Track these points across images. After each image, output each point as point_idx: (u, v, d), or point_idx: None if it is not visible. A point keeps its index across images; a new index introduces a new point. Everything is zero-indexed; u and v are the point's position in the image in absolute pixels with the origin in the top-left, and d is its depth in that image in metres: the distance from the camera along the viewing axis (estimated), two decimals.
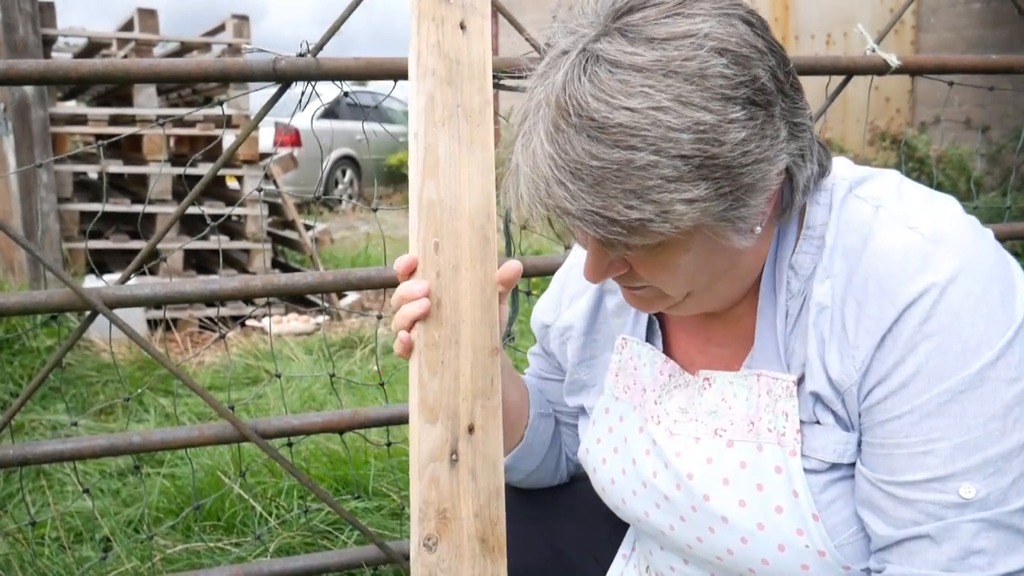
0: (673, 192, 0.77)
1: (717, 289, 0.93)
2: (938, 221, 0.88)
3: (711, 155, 0.78)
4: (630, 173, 0.77)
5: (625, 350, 1.11)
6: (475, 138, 1.04)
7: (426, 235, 1.01)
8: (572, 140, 0.79)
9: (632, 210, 0.78)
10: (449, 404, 1.00)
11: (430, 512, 0.98)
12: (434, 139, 1.02)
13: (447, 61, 1.04)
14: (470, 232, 1.02)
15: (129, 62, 1.60)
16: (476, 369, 1.01)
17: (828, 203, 0.94)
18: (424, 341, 1.00)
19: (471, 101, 1.04)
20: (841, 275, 0.90)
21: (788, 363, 0.94)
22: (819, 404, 0.92)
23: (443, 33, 1.05)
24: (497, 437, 1.01)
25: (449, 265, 1.01)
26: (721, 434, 0.97)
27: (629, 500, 1.07)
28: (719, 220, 0.82)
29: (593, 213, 0.79)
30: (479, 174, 1.03)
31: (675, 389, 1.04)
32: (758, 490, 0.93)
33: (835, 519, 0.91)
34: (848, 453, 0.91)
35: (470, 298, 1.01)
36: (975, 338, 0.83)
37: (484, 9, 1.08)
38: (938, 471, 0.84)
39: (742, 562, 0.96)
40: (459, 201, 1.02)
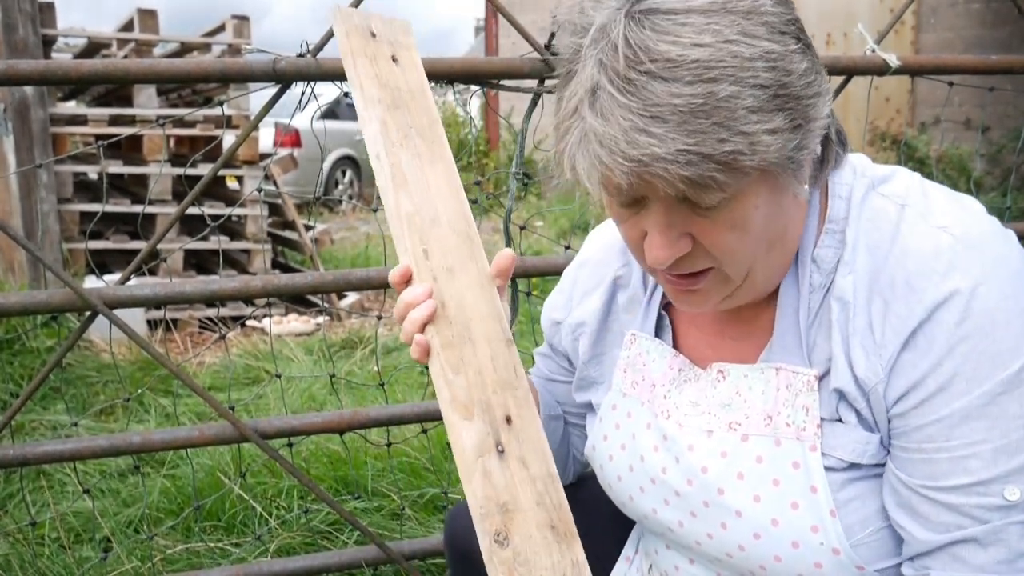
0: (757, 123, 0.77)
1: (773, 263, 0.91)
2: (966, 221, 0.88)
3: (783, 84, 0.79)
4: (715, 106, 0.76)
5: (634, 346, 1.10)
6: (433, 153, 1.06)
7: (414, 244, 1.02)
8: (648, 86, 0.77)
9: (724, 143, 0.76)
10: (480, 398, 0.99)
11: (491, 507, 0.94)
12: (396, 158, 1.04)
13: (389, 89, 1.07)
14: (453, 237, 1.03)
15: (129, 62, 1.60)
16: (496, 361, 1.00)
17: (848, 197, 0.94)
18: (440, 342, 0.99)
19: (420, 122, 1.08)
20: (864, 272, 0.89)
21: (810, 357, 0.93)
22: (843, 402, 0.91)
23: (378, 66, 1.09)
24: (536, 424, 1.00)
25: (443, 268, 1.02)
26: (736, 428, 0.96)
27: (636, 497, 1.06)
28: (788, 161, 0.82)
29: (685, 152, 0.76)
30: (446, 184, 1.06)
31: (685, 383, 1.03)
32: (774, 485, 0.93)
33: (851, 519, 0.90)
34: (868, 454, 0.90)
35: (471, 295, 1.02)
36: (1010, 338, 0.82)
37: (408, 42, 1.12)
38: (981, 474, 0.83)
39: (754, 558, 0.95)
40: (435, 211, 1.04)
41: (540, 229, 7.53)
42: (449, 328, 1.00)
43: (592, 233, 1.23)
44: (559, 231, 7.38)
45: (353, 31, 1.09)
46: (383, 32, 1.11)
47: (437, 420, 1.91)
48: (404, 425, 2.11)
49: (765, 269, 0.91)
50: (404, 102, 1.08)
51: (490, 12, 11.08)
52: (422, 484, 2.45)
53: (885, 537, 0.91)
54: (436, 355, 0.99)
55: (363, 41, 1.08)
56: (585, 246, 1.23)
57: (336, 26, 1.09)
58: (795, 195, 0.87)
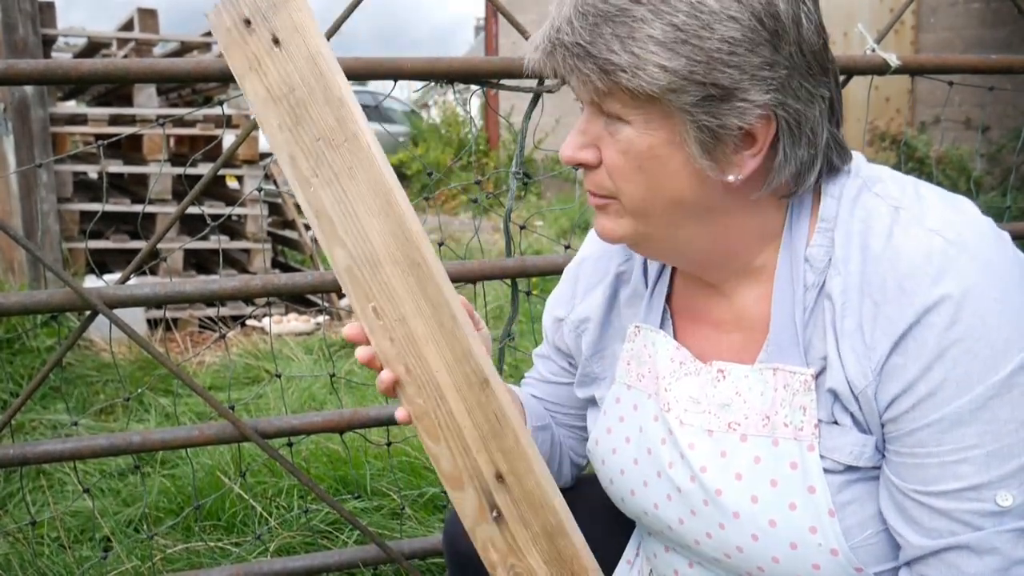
0: (653, 54, 0.83)
1: (685, 232, 0.94)
2: (960, 225, 0.87)
3: (698, 36, 0.83)
4: (623, 21, 0.84)
5: (638, 338, 1.09)
6: (349, 161, 0.94)
7: (360, 303, 0.96)
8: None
9: (612, 53, 0.84)
10: (466, 464, 0.95)
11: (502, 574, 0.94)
12: (318, 202, 0.95)
13: (282, 101, 0.95)
14: (397, 272, 0.94)
15: (129, 62, 1.60)
16: (474, 414, 0.95)
17: (839, 196, 0.94)
18: (413, 413, 0.96)
19: (324, 122, 0.94)
20: (856, 273, 0.89)
21: (806, 356, 0.93)
22: (837, 403, 0.91)
23: (264, 73, 0.95)
24: (531, 472, 0.95)
25: (395, 322, 0.95)
26: (735, 428, 0.96)
27: (639, 491, 1.06)
28: (688, 116, 0.85)
29: (579, 46, 0.85)
30: (372, 195, 0.94)
31: (685, 376, 1.03)
32: (772, 486, 0.92)
33: (850, 521, 0.90)
34: (864, 456, 0.90)
35: (432, 342, 0.95)
36: (1002, 342, 0.82)
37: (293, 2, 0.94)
38: (973, 480, 0.83)
39: (752, 559, 0.95)
40: (371, 246, 0.95)
41: (540, 229, 7.53)
42: (419, 394, 0.96)
43: (592, 230, 1.23)
44: (559, 231, 7.38)
45: (230, 39, 0.95)
46: (254, 6, 0.94)
47: None
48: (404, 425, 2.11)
49: (678, 234, 0.94)
50: (302, 105, 0.94)
51: (490, 12, 11.08)
52: (422, 484, 2.45)
53: (884, 540, 0.91)
54: (416, 425, 0.97)
55: (241, 46, 0.95)
56: (586, 243, 1.23)
57: (218, 40, 0.97)
58: (712, 173, 0.88)
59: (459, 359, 0.95)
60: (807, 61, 0.88)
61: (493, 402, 0.95)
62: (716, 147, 0.87)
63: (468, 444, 0.95)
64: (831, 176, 0.95)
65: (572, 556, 0.94)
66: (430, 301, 0.94)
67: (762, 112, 0.86)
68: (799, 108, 0.88)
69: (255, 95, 0.96)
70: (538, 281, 4.58)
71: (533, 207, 8.97)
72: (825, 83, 0.91)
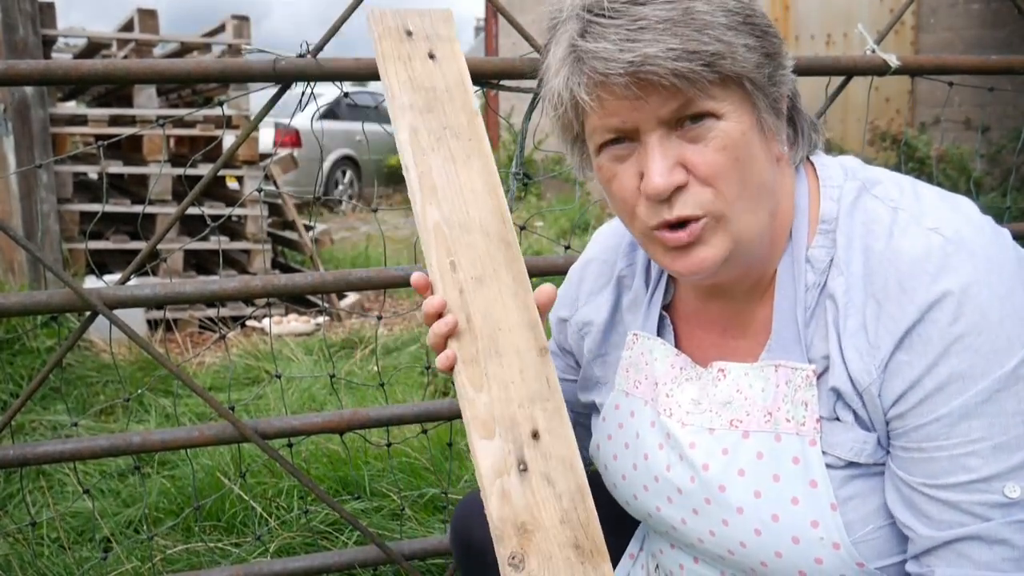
0: (733, 36, 0.86)
1: (760, 218, 0.93)
2: (958, 222, 0.89)
3: (749, 14, 0.88)
4: (693, 17, 0.85)
5: (636, 345, 1.11)
6: (470, 151, 1.04)
7: (439, 257, 0.99)
8: (630, 10, 0.86)
9: (707, 44, 0.84)
10: (504, 415, 0.96)
11: (507, 529, 0.92)
12: (426, 166, 1.02)
13: (422, 91, 1.06)
14: (485, 242, 1.01)
15: (129, 62, 1.60)
16: (526, 372, 0.98)
17: (838, 199, 0.95)
18: (462, 358, 0.97)
19: (457, 120, 1.05)
20: (858, 274, 0.90)
21: (808, 354, 0.94)
22: (840, 401, 0.92)
23: (412, 68, 1.07)
24: (567, 436, 0.97)
25: (470, 279, 0.99)
26: (737, 425, 0.97)
27: (641, 495, 1.07)
28: (764, 92, 0.90)
29: (674, 49, 0.84)
30: (482, 184, 1.03)
31: (686, 382, 1.04)
32: (774, 481, 0.93)
33: (851, 516, 0.91)
34: (866, 452, 0.91)
35: (501, 304, 0.99)
36: (1004, 336, 0.83)
37: (448, 33, 1.09)
38: (981, 472, 0.84)
39: (755, 555, 0.95)
40: (467, 216, 1.01)
41: (540, 229, 7.53)
42: (473, 343, 0.97)
43: (597, 233, 1.24)
44: (559, 231, 7.38)
45: (386, 34, 1.07)
46: (420, 28, 1.08)
47: (437, 420, 1.91)
48: (404, 425, 2.11)
49: (757, 221, 0.93)
50: (440, 102, 1.06)
51: (490, 12, 11.07)
52: (422, 484, 2.45)
53: (886, 535, 0.92)
54: (458, 372, 0.97)
55: (396, 43, 1.07)
56: (590, 245, 1.23)
57: (371, 30, 1.08)
58: (778, 151, 0.94)
59: (525, 325, 0.99)
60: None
61: (547, 368, 0.99)
62: (778, 118, 0.93)
63: (512, 397, 0.97)
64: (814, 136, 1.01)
65: (587, 521, 0.95)
66: (511, 274, 1.01)
67: (793, 83, 0.95)
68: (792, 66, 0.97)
69: (395, 76, 1.06)
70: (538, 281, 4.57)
71: (533, 208, 8.97)
72: None
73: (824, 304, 0.93)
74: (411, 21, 1.08)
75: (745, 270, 0.98)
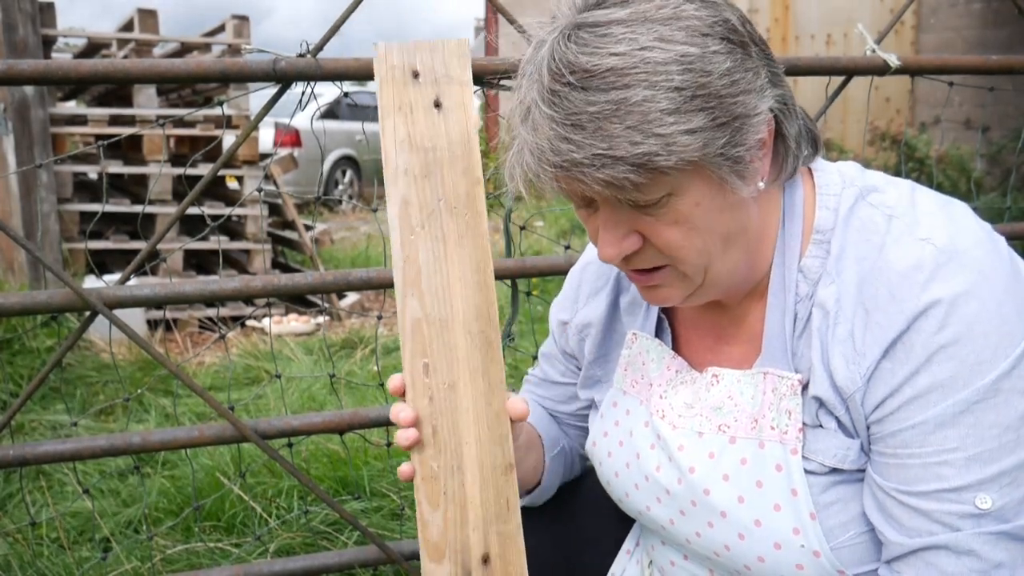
0: (673, 124, 0.80)
1: (731, 260, 0.92)
2: (952, 232, 0.88)
3: (701, 84, 0.81)
4: (628, 110, 0.80)
5: (635, 345, 1.12)
6: (463, 231, 0.96)
7: (412, 357, 0.94)
8: (568, 97, 0.81)
9: (637, 145, 0.79)
10: (456, 538, 0.94)
11: None
12: (412, 249, 0.95)
13: (421, 153, 0.96)
14: (466, 342, 0.95)
15: (129, 62, 1.59)
16: (486, 493, 0.94)
17: (836, 208, 0.94)
18: (422, 474, 0.95)
19: (455, 189, 0.96)
20: (850, 282, 0.90)
21: (795, 364, 0.95)
22: (822, 409, 0.92)
23: (412, 122, 0.97)
24: (519, 562, 0.95)
25: (443, 385, 0.94)
26: (725, 430, 0.98)
27: (632, 494, 1.08)
28: (721, 158, 0.84)
29: (600, 156, 0.80)
30: (472, 271, 0.95)
31: (681, 385, 1.05)
32: (757, 487, 0.94)
33: (832, 522, 0.91)
34: (849, 459, 0.91)
35: (473, 415, 0.94)
36: (989, 349, 0.83)
37: (461, 74, 0.98)
38: (953, 481, 0.84)
39: (738, 558, 0.96)
40: (449, 310, 0.95)
41: (540, 229, 7.53)
42: (436, 458, 0.94)
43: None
44: (559, 231, 7.39)
45: (390, 77, 0.97)
46: (429, 67, 0.97)
47: None
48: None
49: (726, 265, 0.92)
50: (439, 165, 0.96)
51: (490, 12, 11.08)
52: None
53: (866, 541, 0.92)
54: (417, 487, 0.95)
55: (400, 89, 0.97)
56: (589, 247, 1.24)
57: (376, 70, 0.99)
58: (747, 193, 0.89)
59: (494, 440, 0.95)
60: (762, 49, 0.91)
61: (509, 488, 0.95)
62: (746, 169, 0.87)
63: (468, 519, 0.95)
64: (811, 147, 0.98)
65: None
66: (488, 380, 0.95)
67: (768, 116, 0.89)
68: (780, 92, 0.92)
69: (393, 132, 0.97)
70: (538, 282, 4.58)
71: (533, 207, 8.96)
72: (770, 49, 0.94)
73: (812, 313, 0.93)
74: (420, 58, 0.97)
75: (728, 292, 0.99)
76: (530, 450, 1.15)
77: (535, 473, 1.19)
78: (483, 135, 11.50)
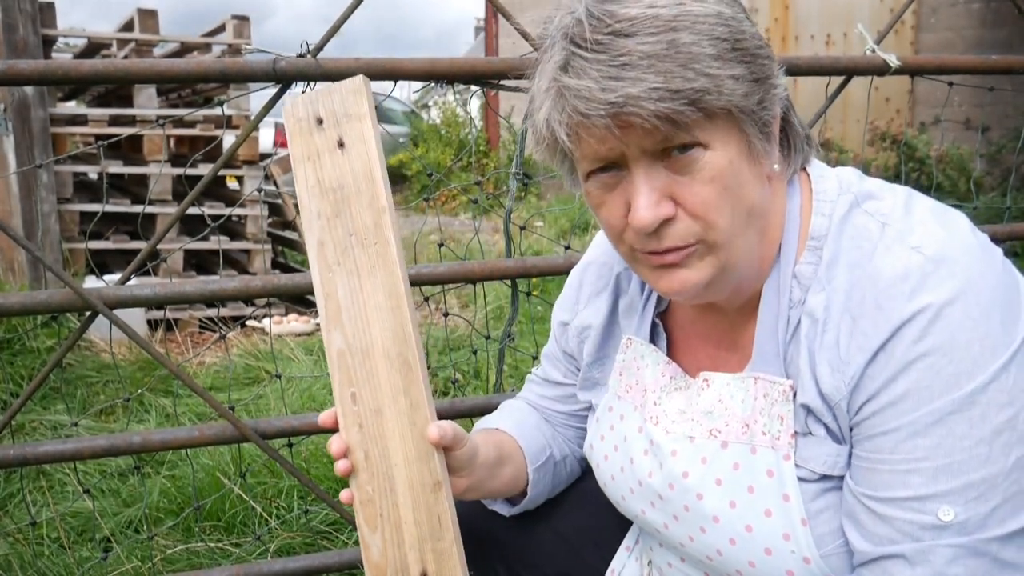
0: (719, 69, 0.83)
1: (749, 241, 0.92)
2: (943, 241, 0.87)
3: (738, 40, 0.85)
4: (679, 50, 0.82)
5: (629, 350, 1.12)
6: (374, 261, 1.01)
7: (341, 387, 1.01)
8: (615, 43, 0.83)
9: (691, 81, 0.81)
10: (395, 557, 0.99)
11: None
12: (331, 286, 1.02)
13: (329, 194, 1.02)
14: (386, 367, 1.00)
15: (129, 62, 1.60)
16: (419, 513, 0.99)
17: (830, 214, 0.94)
18: (359, 498, 1.00)
19: (362, 222, 1.01)
20: (840, 289, 0.89)
21: (786, 370, 0.94)
22: (811, 416, 0.92)
23: (321, 167, 1.03)
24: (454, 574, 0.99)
25: (370, 411, 1.00)
26: (716, 435, 0.98)
27: (628, 497, 1.09)
28: (755, 116, 0.88)
29: (657, 89, 0.81)
30: (385, 297, 1.00)
31: (675, 391, 1.05)
32: (749, 492, 0.94)
33: (823, 529, 0.91)
34: (839, 465, 0.91)
35: (399, 437, 0.99)
36: (969, 360, 0.81)
37: (359, 110, 1.02)
38: (919, 490, 0.83)
39: (731, 563, 0.96)
40: (369, 338, 1.00)
41: (540, 229, 7.53)
42: (370, 481, 1.00)
43: (598, 235, 1.24)
44: (559, 231, 7.39)
45: (297, 130, 1.04)
46: (331, 111, 1.03)
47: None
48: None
49: (746, 245, 0.92)
50: (347, 202, 1.02)
51: (490, 12, 11.08)
52: None
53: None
54: (356, 511, 1.00)
55: (307, 139, 1.04)
56: (590, 248, 1.24)
57: (286, 125, 1.05)
58: (766, 168, 0.91)
59: (420, 458, 0.99)
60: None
61: (439, 506, 0.99)
62: (768, 140, 0.91)
63: (404, 539, 0.99)
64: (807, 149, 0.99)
65: None
66: (410, 400, 0.99)
67: (784, 94, 0.92)
68: (784, 90, 0.94)
69: (305, 181, 1.04)
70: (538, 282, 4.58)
71: (533, 208, 8.97)
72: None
73: (801, 320, 0.92)
74: (322, 105, 1.03)
75: (733, 290, 0.98)
76: (504, 464, 1.16)
77: (515, 485, 1.20)
78: (483, 135, 11.51)
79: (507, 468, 1.17)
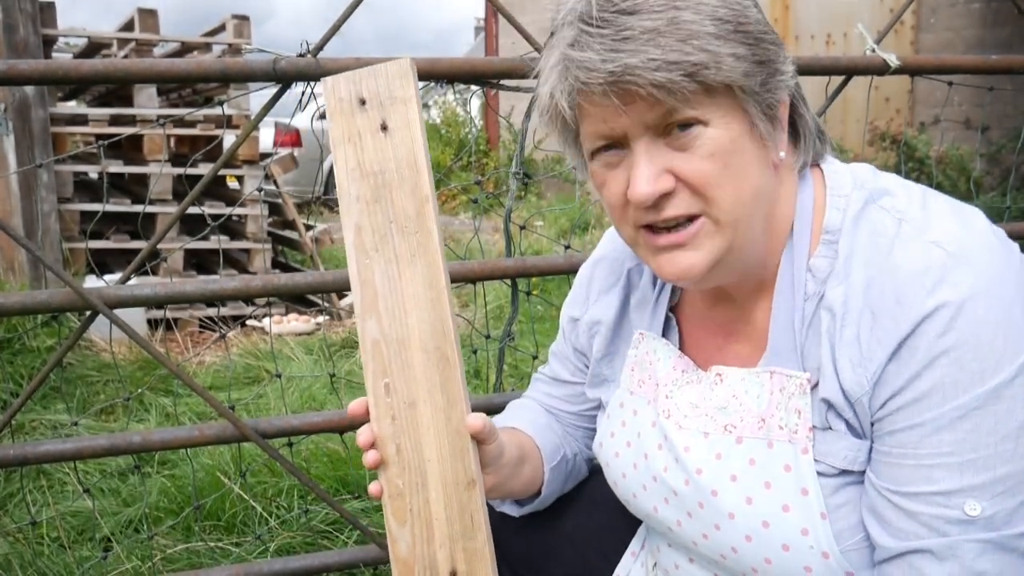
0: (719, 46, 0.85)
1: (756, 224, 0.93)
2: (962, 237, 0.87)
3: (741, 23, 0.88)
4: (679, 26, 0.85)
5: (642, 344, 1.12)
6: (415, 249, 0.98)
7: (375, 377, 0.98)
8: (618, 20, 0.85)
9: (689, 55, 0.84)
10: (424, 554, 0.96)
11: None
12: (368, 273, 0.99)
13: (370, 178, 1.00)
14: (423, 359, 0.97)
15: (129, 62, 1.60)
16: (451, 510, 0.96)
17: (844, 209, 0.94)
18: (388, 491, 0.97)
19: (404, 209, 0.99)
20: (858, 285, 0.89)
21: (803, 363, 0.94)
22: (831, 411, 0.91)
23: (361, 149, 1.00)
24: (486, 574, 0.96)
25: (404, 404, 0.97)
26: (731, 430, 0.97)
27: (640, 494, 1.08)
28: (757, 97, 0.89)
29: (654, 60, 0.84)
30: (424, 288, 0.97)
31: (687, 385, 1.04)
32: (766, 488, 0.93)
33: (842, 524, 0.91)
34: (859, 460, 0.91)
35: (434, 432, 0.97)
36: (994, 355, 0.82)
37: (405, 93, 0.99)
38: (944, 485, 0.83)
39: (746, 560, 0.95)
40: (406, 329, 0.98)
41: (540, 229, 7.53)
42: (400, 475, 0.97)
43: (608, 231, 1.24)
44: (559, 231, 7.38)
45: (339, 109, 1.01)
46: (375, 92, 1.00)
47: None
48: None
49: (752, 227, 0.92)
50: (388, 188, 0.99)
51: (490, 12, 11.08)
52: None
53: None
54: (385, 504, 0.98)
55: (348, 119, 1.01)
56: (601, 243, 1.24)
57: (327, 105, 1.03)
58: (776, 158, 0.93)
59: (455, 455, 0.97)
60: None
61: (473, 503, 0.96)
62: (773, 125, 0.92)
63: (434, 535, 0.97)
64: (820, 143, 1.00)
65: None
66: (447, 395, 0.97)
67: (792, 80, 0.94)
68: (795, 79, 0.96)
69: (344, 162, 1.01)
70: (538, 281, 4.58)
71: (533, 207, 8.97)
72: None
73: (820, 314, 0.92)
74: (366, 86, 1.01)
75: (740, 275, 0.98)
76: (524, 463, 1.15)
77: (532, 485, 1.19)
78: (483, 135, 11.51)
79: (527, 467, 1.16)
